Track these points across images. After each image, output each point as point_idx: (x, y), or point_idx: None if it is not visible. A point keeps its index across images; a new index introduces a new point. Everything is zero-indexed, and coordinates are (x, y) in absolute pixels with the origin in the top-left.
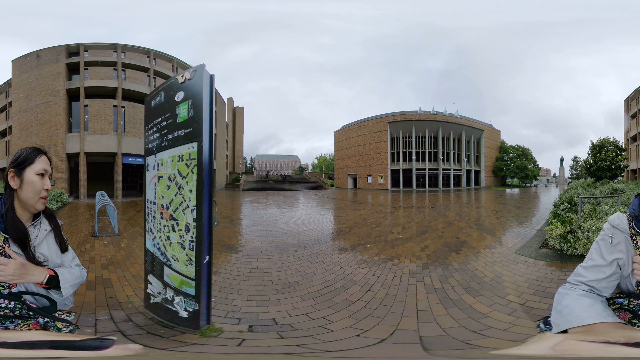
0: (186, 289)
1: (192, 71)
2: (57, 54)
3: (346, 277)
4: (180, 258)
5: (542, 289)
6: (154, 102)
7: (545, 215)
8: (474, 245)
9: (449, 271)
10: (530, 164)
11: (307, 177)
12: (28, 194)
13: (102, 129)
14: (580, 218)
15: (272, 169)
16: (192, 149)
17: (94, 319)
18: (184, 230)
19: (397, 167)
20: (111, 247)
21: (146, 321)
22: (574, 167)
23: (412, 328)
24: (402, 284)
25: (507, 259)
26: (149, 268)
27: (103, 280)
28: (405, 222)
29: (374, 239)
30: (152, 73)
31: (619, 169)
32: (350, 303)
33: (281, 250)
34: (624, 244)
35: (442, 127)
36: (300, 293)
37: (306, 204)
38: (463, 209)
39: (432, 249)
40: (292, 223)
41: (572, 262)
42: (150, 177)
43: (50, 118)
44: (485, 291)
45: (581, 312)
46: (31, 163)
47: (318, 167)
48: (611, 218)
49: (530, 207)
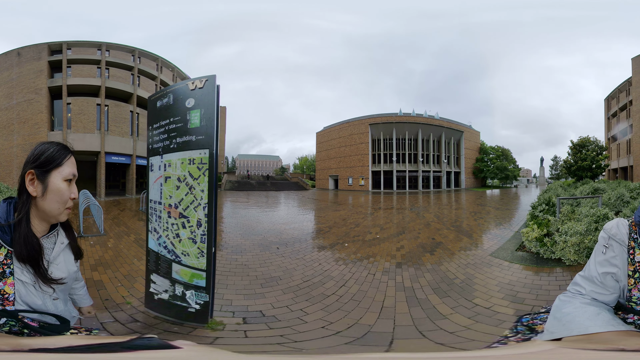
0: (197, 282)
1: (204, 80)
2: (38, 52)
3: (324, 273)
4: (192, 252)
5: (512, 294)
6: (160, 103)
7: (524, 217)
8: (450, 246)
9: (421, 271)
10: (510, 164)
11: (289, 177)
12: (53, 204)
13: (85, 128)
14: (558, 220)
15: (254, 169)
16: (203, 154)
17: (97, 322)
18: (195, 225)
19: (377, 169)
20: (98, 247)
21: (152, 320)
22: (554, 167)
23: (369, 323)
24: (374, 281)
25: (482, 261)
26: (153, 267)
27: (95, 282)
28: (383, 222)
29: (352, 238)
30: (137, 72)
31: (599, 168)
32: (325, 297)
33: (264, 247)
34: (619, 257)
35: (422, 129)
36: (282, 287)
37: (287, 204)
38: (442, 210)
39: (407, 249)
40: (273, 222)
41: (548, 266)
42: (155, 177)
43: (32, 116)
44: (453, 293)
45: (584, 321)
46: (59, 165)
47: (299, 167)
48: (608, 226)
49: (510, 208)
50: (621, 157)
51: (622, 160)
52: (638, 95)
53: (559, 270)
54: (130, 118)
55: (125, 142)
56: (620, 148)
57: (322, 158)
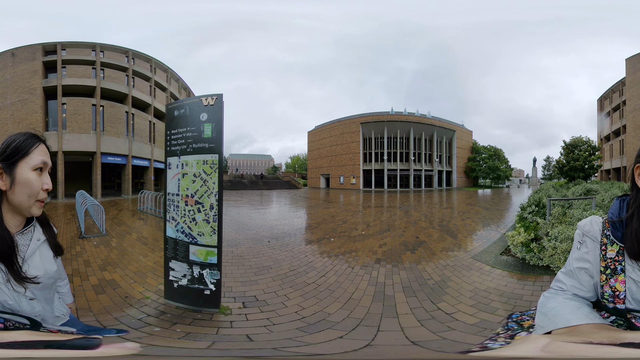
0: (211, 259)
1: (214, 98)
2: (33, 52)
3: (308, 264)
4: (206, 232)
5: (486, 302)
6: (177, 112)
7: (513, 218)
8: (432, 246)
9: (397, 269)
10: (502, 164)
11: (281, 176)
12: (22, 196)
13: (81, 128)
14: (548, 223)
15: (246, 168)
16: (214, 157)
17: (132, 319)
18: (208, 209)
19: (369, 168)
20: (102, 247)
21: (176, 311)
22: (546, 168)
23: (329, 312)
24: (351, 274)
25: (462, 263)
26: (171, 254)
27: (108, 282)
28: (371, 220)
29: (338, 234)
30: (131, 73)
31: (592, 168)
32: (306, 284)
33: (256, 241)
34: (591, 253)
35: (414, 127)
36: (272, 275)
37: (279, 202)
38: (430, 209)
39: (389, 246)
40: (265, 219)
41: (534, 273)
42: (173, 174)
43: (26, 116)
44: (421, 294)
45: (567, 314)
46: (25, 155)
47: (291, 166)
48: (581, 223)
49: (500, 208)
50: (614, 157)
51: (615, 160)
52: (631, 96)
53: (547, 279)
54: (125, 119)
55: (121, 142)
56: (613, 149)
57: (313, 157)
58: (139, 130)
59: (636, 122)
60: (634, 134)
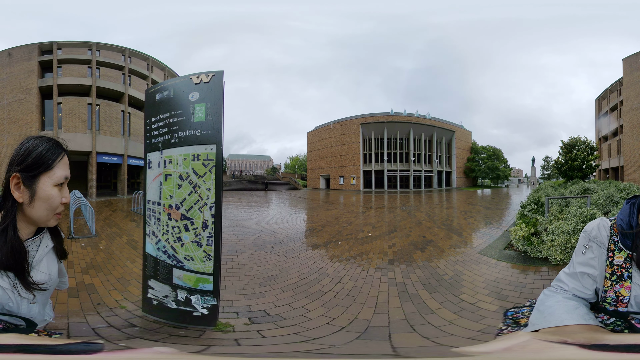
0: (203, 286)
1: (211, 75)
2: (29, 52)
3: (319, 270)
4: (197, 256)
5: (497, 291)
6: (160, 96)
7: (513, 216)
8: (440, 244)
9: (412, 268)
10: (501, 164)
11: (280, 177)
12: (41, 211)
13: (77, 127)
14: (547, 219)
15: (245, 169)
16: (210, 150)
17: (88, 327)
18: (200, 227)
19: (369, 168)
20: (89, 249)
21: (152, 325)
22: (545, 167)
23: (366, 318)
24: (368, 278)
25: (470, 258)
26: (150, 273)
27: (86, 286)
28: (375, 221)
29: (345, 236)
30: (127, 71)
31: (590, 168)
32: (323, 293)
33: (258, 247)
34: (597, 259)
35: (414, 128)
36: (280, 285)
37: (279, 203)
38: (432, 209)
39: (399, 247)
40: (266, 222)
41: (535, 264)
42: (153, 175)
43: (22, 116)
44: (441, 288)
45: (562, 314)
46: (49, 168)
47: (291, 167)
48: (589, 227)
49: (500, 207)
50: (612, 157)
51: (613, 160)
52: (629, 96)
53: (545, 269)
54: (121, 118)
55: (117, 142)
56: (611, 148)
57: (313, 158)
58: (135, 130)
59: (633, 122)
60: (631, 133)
